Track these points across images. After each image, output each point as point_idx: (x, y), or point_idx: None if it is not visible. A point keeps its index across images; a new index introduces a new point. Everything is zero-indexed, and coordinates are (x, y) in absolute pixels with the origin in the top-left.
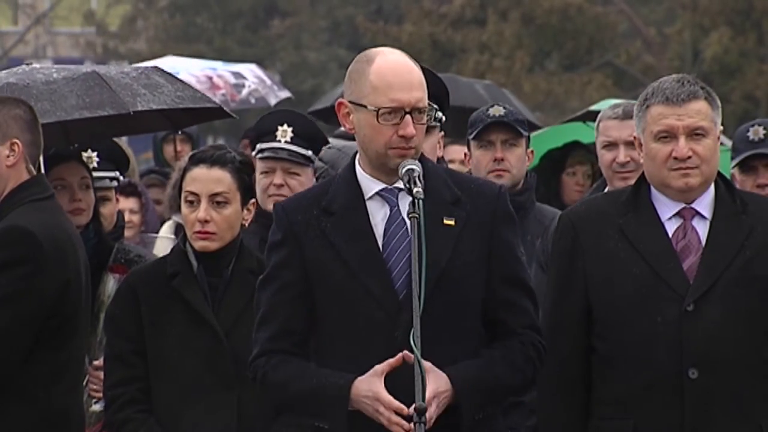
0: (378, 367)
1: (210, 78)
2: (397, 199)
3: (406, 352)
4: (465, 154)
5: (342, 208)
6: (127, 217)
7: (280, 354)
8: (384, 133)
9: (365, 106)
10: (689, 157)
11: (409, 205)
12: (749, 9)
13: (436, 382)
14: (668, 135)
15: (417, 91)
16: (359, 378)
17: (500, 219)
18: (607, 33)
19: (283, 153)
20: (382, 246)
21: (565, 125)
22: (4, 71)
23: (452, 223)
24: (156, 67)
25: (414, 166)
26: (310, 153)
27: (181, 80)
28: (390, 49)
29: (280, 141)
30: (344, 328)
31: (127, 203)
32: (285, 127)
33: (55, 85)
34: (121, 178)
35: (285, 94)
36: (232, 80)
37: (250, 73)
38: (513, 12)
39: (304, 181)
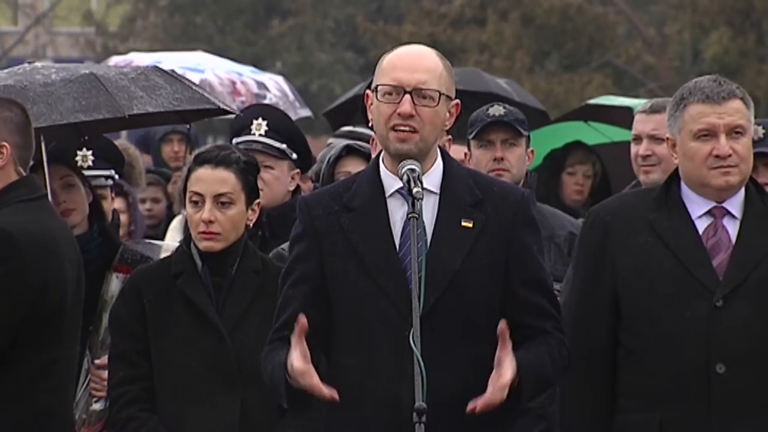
0: (292, 339)
1: (233, 83)
2: None
3: (302, 315)
4: (465, 154)
5: (362, 205)
6: None
7: (278, 342)
8: (384, 112)
9: (375, 90)
10: (729, 156)
11: (408, 205)
12: (749, 9)
13: (513, 363)
14: (709, 133)
15: (420, 73)
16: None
17: (521, 224)
18: (607, 33)
19: (257, 146)
20: (399, 245)
21: (567, 124)
22: (5, 71)
23: (470, 225)
24: (156, 66)
25: (414, 166)
26: (284, 146)
27: (181, 80)
28: (419, 45)
29: (254, 134)
30: (357, 325)
31: (114, 203)
32: (260, 120)
33: (53, 87)
34: (117, 176)
35: (305, 112)
36: (255, 89)
37: (275, 85)
38: (513, 12)
39: (278, 174)
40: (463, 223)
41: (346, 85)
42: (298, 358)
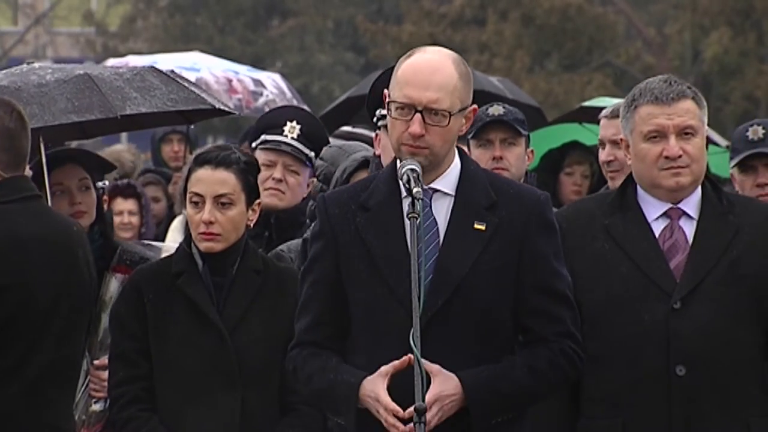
0: (383, 368)
1: (229, 80)
2: (431, 199)
3: (410, 355)
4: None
5: (377, 205)
6: (126, 218)
7: (311, 347)
8: (397, 128)
9: (389, 103)
10: (680, 156)
11: (408, 205)
12: (749, 9)
13: (441, 386)
14: (658, 135)
15: (432, 92)
16: (367, 378)
17: (536, 227)
18: (607, 33)
19: (287, 148)
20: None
21: (564, 126)
22: (2, 72)
23: (483, 228)
24: (152, 67)
25: (414, 166)
26: (312, 155)
27: (177, 81)
28: (437, 48)
29: (287, 136)
30: (368, 325)
31: (126, 204)
32: (294, 123)
33: (47, 88)
34: (106, 183)
35: None
36: (251, 87)
37: (272, 82)
38: (513, 12)
39: (301, 181)
40: (476, 226)
41: (346, 86)
42: (389, 400)
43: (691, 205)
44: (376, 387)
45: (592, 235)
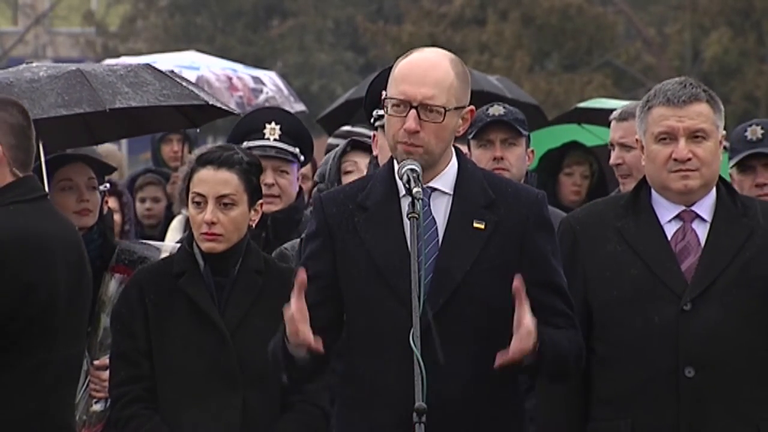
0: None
1: (230, 78)
2: (429, 198)
3: (302, 269)
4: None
5: (375, 204)
6: None
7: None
8: (393, 126)
9: (385, 99)
10: (689, 159)
11: (408, 205)
12: (749, 9)
13: (531, 325)
14: (668, 136)
15: (427, 88)
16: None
17: (534, 225)
18: (607, 33)
19: (272, 151)
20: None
21: (562, 127)
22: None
23: (482, 226)
24: (148, 64)
25: (414, 166)
26: (297, 150)
27: (172, 77)
28: (435, 49)
29: (269, 139)
30: (368, 325)
31: (107, 202)
32: (273, 125)
33: (38, 83)
34: (107, 186)
35: (300, 106)
36: (251, 84)
37: (270, 80)
38: (513, 12)
39: (292, 179)
40: (475, 224)
41: (346, 86)
42: (294, 307)
43: (705, 207)
44: (286, 310)
45: (605, 238)
